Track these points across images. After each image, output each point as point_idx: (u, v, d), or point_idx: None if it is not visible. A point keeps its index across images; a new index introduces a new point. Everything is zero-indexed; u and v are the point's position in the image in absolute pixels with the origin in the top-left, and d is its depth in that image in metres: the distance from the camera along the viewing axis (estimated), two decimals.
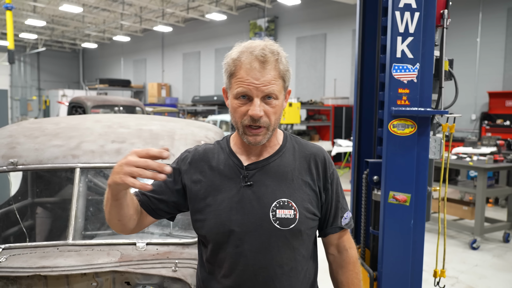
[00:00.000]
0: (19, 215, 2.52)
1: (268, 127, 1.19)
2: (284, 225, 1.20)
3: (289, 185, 1.24)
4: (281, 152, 1.28)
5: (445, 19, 2.18)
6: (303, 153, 1.30)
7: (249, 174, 1.23)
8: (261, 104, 1.15)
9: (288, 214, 1.21)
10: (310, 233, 1.28)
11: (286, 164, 1.26)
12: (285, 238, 1.21)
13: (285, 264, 1.23)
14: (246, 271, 1.21)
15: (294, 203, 1.22)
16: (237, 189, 1.23)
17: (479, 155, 5.78)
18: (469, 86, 10.27)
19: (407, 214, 2.21)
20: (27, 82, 26.37)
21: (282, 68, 1.18)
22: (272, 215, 1.20)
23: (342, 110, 12.39)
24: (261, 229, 1.20)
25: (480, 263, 4.58)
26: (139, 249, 1.77)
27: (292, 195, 1.23)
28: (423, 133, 2.18)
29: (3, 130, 2.22)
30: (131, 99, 8.60)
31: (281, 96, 1.20)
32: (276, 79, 1.16)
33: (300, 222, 1.22)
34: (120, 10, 17.58)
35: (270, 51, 1.16)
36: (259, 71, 1.14)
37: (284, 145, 1.30)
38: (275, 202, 1.21)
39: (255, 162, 1.25)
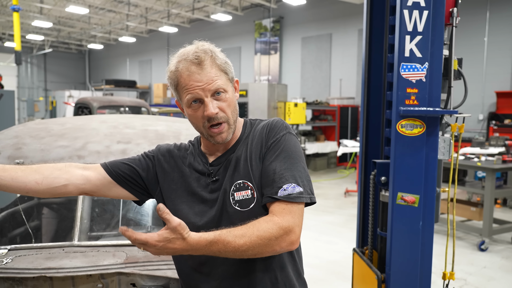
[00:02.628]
0: (25, 216, 2.52)
1: (228, 121, 1.22)
2: (244, 206, 1.20)
3: (245, 167, 1.23)
4: (241, 142, 1.29)
5: (454, 17, 2.15)
6: (257, 132, 1.28)
7: (214, 170, 1.27)
8: (213, 102, 1.19)
9: (245, 195, 1.20)
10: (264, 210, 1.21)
11: (243, 151, 1.26)
12: (249, 219, 1.13)
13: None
14: (218, 259, 1.17)
15: (250, 183, 1.20)
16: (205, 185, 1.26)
17: (487, 156, 5.72)
18: (476, 86, 10.18)
19: (416, 215, 2.18)
20: (34, 83, 26.57)
21: (219, 62, 1.21)
22: (232, 199, 1.21)
23: (347, 111, 12.34)
24: (227, 215, 1.21)
25: (489, 265, 4.53)
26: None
27: (247, 175, 1.21)
28: (432, 133, 2.15)
29: (9, 130, 2.22)
30: (137, 100, 8.62)
31: (229, 88, 1.22)
32: (217, 74, 1.19)
33: (258, 201, 1.19)
34: (125, 11, 17.66)
35: (202, 51, 1.19)
36: (199, 73, 1.17)
37: (243, 133, 1.30)
38: (232, 186, 1.22)
39: (218, 158, 1.28)
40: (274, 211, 1.13)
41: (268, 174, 1.19)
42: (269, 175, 1.18)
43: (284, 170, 1.17)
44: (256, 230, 1.07)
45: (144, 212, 2.23)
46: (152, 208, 2.24)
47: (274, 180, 1.17)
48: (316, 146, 10.74)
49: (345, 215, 6.58)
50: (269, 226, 1.08)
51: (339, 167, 11.86)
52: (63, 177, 1.23)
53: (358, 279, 2.71)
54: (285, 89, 9.89)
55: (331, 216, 6.57)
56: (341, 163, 11.88)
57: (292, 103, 9.54)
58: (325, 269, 4.25)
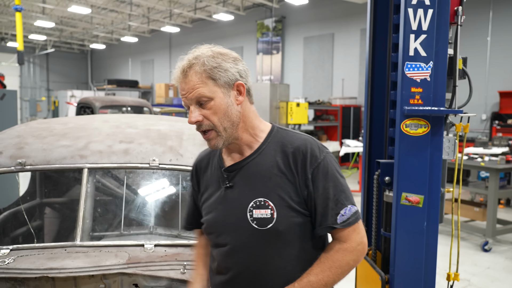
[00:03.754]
0: (27, 216, 2.52)
1: (215, 128, 1.20)
2: (262, 225, 1.20)
3: (266, 183, 1.21)
4: (261, 150, 1.25)
5: (459, 16, 2.13)
6: (285, 147, 1.23)
7: (229, 176, 1.26)
8: (198, 109, 1.20)
9: (264, 213, 1.19)
10: (298, 232, 1.22)
11: (264, 162, 1.23)
12: (265, 238, 1.20)
13: (269, 263, 1.22)
14: (233, 269, 1.25)
15: (271, 202, 1.19)
16: (220, 191, 1.28)
17: (490, 156, 5.69)
18: (479, 86, 10.13)
19: (420, 215, 2.16)
20: (36, 83, 26.63)
21: (204, 69, 1.18)
22: (250, 216, 1.21)
23: (350, 110, 12.32)
24: (241, 230, 1.22)
25: (492, 265, 4.50)
26: (147, 251, 1.75)
27: (269, 194, 1.20)
28: (437, 133, 2.13)
29: (11, 130, 2.21)
30: (139, 100, 8.63)
31: (216, 94, 1.19)
32: (200, 82, 1.18)
33: (278, 221, 1.19)
34: (128, 11, 17.67)
35: (189, 59, 1.21)
36: (183, 81, 1.20)
37: (265, 142, 1.26)
38: (252, 202, 1.21)
39: (234, 164, 1.27)
40: (339, 237, 1.22)
41: (323, 201, 1.20)
42: (324, 201, 1.20)
43: (338, 194, 1.21)
44: (332, 263, 1.18)
45: (146, 212, 2.22)
46: (154, 208, 2.23)
47: (331, 208, 1.20)
48: None
49: None
50: (342, 254, 1.19)
51: (341, 167, 11.81)
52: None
53: (361, 280, 2.70)
54: (287, 89, 9.87)
55: None
56: (343, 163, 11.86)
57: (294, 103, 9.53)
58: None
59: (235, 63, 1.22)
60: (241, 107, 1.23)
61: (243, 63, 1.25)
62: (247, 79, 1.25)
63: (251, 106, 1.28)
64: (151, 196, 2.23)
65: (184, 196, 2.16)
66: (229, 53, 1.24)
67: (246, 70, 1.25)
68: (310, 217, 1.23)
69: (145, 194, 2.25)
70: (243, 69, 1.23)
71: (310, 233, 1.25)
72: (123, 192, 2.20)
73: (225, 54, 1.22)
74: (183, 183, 2.15)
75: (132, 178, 2.27)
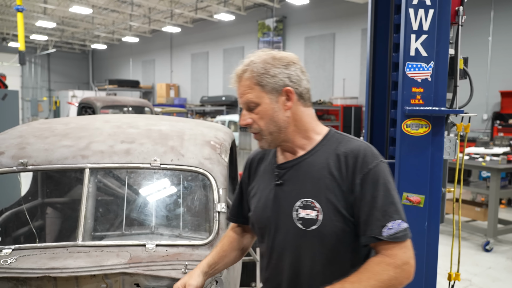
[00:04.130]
0: (29, 216, 2.52)
1: (261, 132, 1.25)
2: (306, 225, 1.20)
3: (315, 184, 1.21)
4: (314, 151, 1.26)
5: (460, 16, 2.13)
6: (338, 151, 1.22)
7: (281, 173, 1.28)
8: (248, 113, 1.25)
9: (310, 214, 1.20)
10: (343, 237, 1.19)
11: (316, 163, 1.24)
12: (308, 239, 1.21)
13: (308, 265, 1.22)
14: (277, 266, 1.28)
15: (318, 204, 1.19)
16: (270, 188, 1.30)
17: (492, 156, 5.68)
18: (480, 86, 10.12)
19: (421, 215, 2.16)
20: (38, 83, 26.67)
21: (253, 75, 1.21)
22: (295, 215, 1.22)
23: (351, 110, 12.31)
24: (287, 228, 1.24)
25: (494, 265, 4.50)
26: (148, 251, 1.75)
27: (317, 195, 1.20)
28: (438, 133, 2.13)
29: (13, 130, 2.22)
30: (140, 100, 8.64)
31: (264, 100, 1.22)
32: (249, 88, 1.22)
33: (323, 224, 1.18)
34: (129, 11, 17.69)
35: (245, 64, 1.25)
36: (237, 86, 1.26)
37: (320, 143, 1.27)
38: (299, 202, 1.22)
39: (287, 162, 1.29)
40: (383, 251, 1.13)
41: (369, 209, 1.14)
42: (370, 210, 1.14)
43: (386, 205, 1.14)
44: (371, 274, 1.09)
45: (148, 212, 2.22)
46: (155, 208, 2.23)
47: (376, 218, 1.13)
48: None
49: None
50: (384, 268, 1.09)
51: None
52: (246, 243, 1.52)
53: None
54: None
55: None
56: None
57: None
58: None
59: (286, 68, 1.22)
60: (292, 111, 1.24)
61: (297, 66, 1.24)
62: (299, 83, 1.23)
63: (305, 109, 1.27)
64: (153, 196, 2.24)
65: (185, 196, 2.17)
66: (284, 57, 1.23)
67: (300, 74, 1.24)
68: (354, 224, 1.19)
69: (146, 194, 2.25)
70: (294, 73, 1.22)
71: (353, 241, 1.21)
72: (124, 192, 2.20)
73: (278, 59, 1.22)
74: (184, 183, 2.15)
75: (133, 178, 2.27)
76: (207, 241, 1.80)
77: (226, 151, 2.17)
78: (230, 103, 16.39)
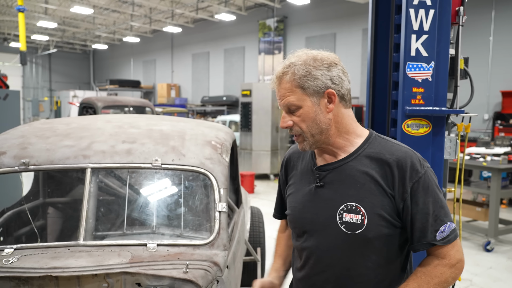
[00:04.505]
0: (31, 215, 2.53)
1: (303, 134, 1.24)
2: (351, 229, 1.19)
3: (359, 188, 1.20)
4: (356, 155, 1.24)
5: (461, 16, 2.14)
6: (383, 156, 1.21)
7: (321, 175, 1.27)
8: (288, 115, 1.24)
9: (355, 219, 1.19)
10: (387, 241, 1.20)
11: (359, 167, 1.22)
12: (352, 243, 1.20)
13: (352, 269, 1.22)
14: (315, 267, 1.27)
15: (363, 208, 1.18)
16: (310, 189, 1.29)
17: (493, 155, 5.68)
18: (481, 85, 10.12)
19: None
20: (39, 83, 26.71)
21: (294, 77, 1.20)
22: (339, 218, 1.21)
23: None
24: (329, 230, 1.23)
25: (495, 265, 4.50)
26: (150, 250, 1.76)
27: (361, 199, 1.19)
28: (438, 133, 2.13)
29: (15, 130, 2.22)
30: (141, 100, 8.64)
31: (305, 103, 1.20)
32: (290, 91, 1.20)
33: (368, 228, 1.17)
34: (130, 11, 17.71)
35: (285, 66, 1.23)
36: (277, 88, 1.25)
37: (361, 147, 1.25)
38: (343, 206, 1.21)
39: (328, 164, 1.27)
40: (437, 254, 1.19)
41: (423, 217, 1.17)
42: (424, 217, 1.17)
43: (437, 210, 1.18)
44: (430, 278, 1.15)
45: (149, 212, 2.22)
46: (157, 208, 2.23)
47: (430, 224, 1.17)
48: None
49: None
50: (441, 270, 1.16)
51: None
52: None
53: None
54: None
55: None
56: None
57: None
58: None
59: (328, 70, 1.20)
60: (333, 113, 1.23)
61: (339, 67, 1.23)
62: (341, 84, 1.22)
63: (346, 111, 1.26)
64: (154, 196, 2.24)
65: (186, 196, 2.17)
66: (325, 58, 1.21)
67: (342, 75, 1.23)
68: (400, 229, 1.21)
69: (147, 194, 2.26)
70: (336, 75, 1.21)
71: (398, 245, 1.23)
72: (125, 192, 2.21)
73: (319, 60, 1.20)
74: (185, 183, 2.16)
75: (134, 178, 2.28)
76: (208, 241, 1.81)
77: (227, 151, 2.17)
78: (231, 103, 16.39)
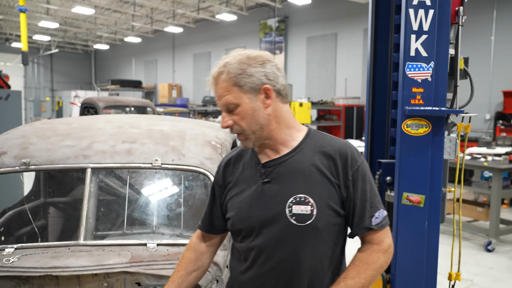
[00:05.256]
0: (32, 215, 2.54)
1: (244, 132, 1.25)
2: (301, 221, 1.22)
3: (306, 180, 1.24)
4: (299, 149, 1.28)
5: (461, 16, 2.13)
6: (324, 148, 1.27)
7: (267, 172, 1.28)
8: (228, 115, 1.25)
9: (304, 210, 1.22)
10: (333, 231, 1.26)
11: (303, 160, 1.26)
12: (302, 234, 1.22)
13: (303, 261, 1.24)
14: (265, 265, 1.26)
15: (312, 199, 1.22)
16: (256, 186, 1.29)
17: (494, 156, 5.67)
18: (483, 85, 10.10)
19: (421, 215, 2.17)
20: (41, 83, 26.76)
21: (230, 76, 1.21)
22: (289, 211, 1.23)
23: (353, 110, 12.30)
24: (279, 224, 1.24)
25: (496, 265, 4.49)
26: (149, 250, 1.76)
27: (309, 191, 1.23)
28: (438, 133, 2.13)
29: (15, 130, 2.23)
30: (142, 100, 8.65)
31: (242, 100, 1.22)
32: (227, 90, 1.22)
33: (317, 218, 1.21)
34: (131, 11, 17.73)
35: (220, 66, 1.24)
36: (215, 89, 1.26)
37: (303, 141, 1.30)
38: (292, 198, 1.23)
39: (273, 160, 1.29)
40: (371, 240, 1.27)
41: (361, 202, 1.25)
42: (362, 203, 1.25)
43: (372, 197, 1.27)
44: (367, 265, 1.21)
45: (149, 212, 2.23)
46: (156, 208, 2.24)
47: (367, 209, 1.25)
48: None
49: None
50: (376, 256, 1.23)
51: None
52: (206, 259, 1.47)
53: None
54: (290, 89, 9.89)
55: None
56: None
57: (297, 103, 9.53)
58: None
59: (263, 66, 1.23)
60: (272, 108, 1.25)
61: (272, 64, 1.26)
62: (276, 80, 1.25)
63: (284, 106, 1.29)
64: (154, 195, 2.25)
65: (186, 196, 2.18)
66: (259, 56, 1.24)
67: (276, 71, 1.25)
68: (343, 218, 1.28)
69: (147, 193, 2.27)
70: (271, 71, 1.24)
71: (343, 234, 1.31)
72: (126, 192, 2.21)
73: (253, 58, 1.23)
74: (185, 183, 2.16)
75: (134, 178, 2.29)
76: None
77: (227, 151, 2.18)
78: None
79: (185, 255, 1.46)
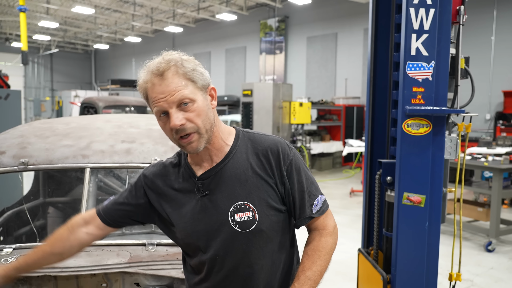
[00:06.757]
0: (30, 215, 2.53)
1: (198, 131, 1.17)
2: (244, 227, 1.21)
3: (244, 186, 1.22)
4: (232, 154, 1.25)
5: (461, 15, 2.13)
6: (256, 149, 1.26)
7: (204, 184, 1.24)
8: (179, 113, 1.15)
9: (246, 216, 1.21)
10: (278, 227, 1.26)
11: (238, 165, 1.24)
12: (249, 240, 1.22)
13: (254, 264, 1.24)
14: (219, 274, 1.25)
15: (252, 204, 1.22)
16: (196, 201, 1.25)
17: (494, 156, 5.66)
18: (483, 85, 10.09)
19: (422, 215, 2.16)
20: (41, 83, 26.76)
21: (185, 71, 1.15)
22: (231, 220, 1.22)
23: (353, 110, 12.29)
24: (224, 235, 1.22)
25: (496, 265, 4.48)
26: (148, 250, 1.76)
27: (248, 196, 1.22)
28: (439, 133, 2.12)
29: (14, 130, 2.23)
30: (142, 100, 8.62)
31: (198, 97, 1.17)
32: (181, 84, 1.14)
33: (260, 222, 1.22)
34: (131, 11, 17.72)
35: (165, 61, 1.16)
36: (160, 84, 1.14)
37: (234, 145, 1.27)
38: (232, 207, 1.22)
39: (207, 171, 1.25)
40: (316, 226, 1.31)
41: (300, 194, 1.27)
42: (300, 195, 1.27)
43: (309, 186, 1.29)
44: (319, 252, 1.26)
45: None
46: None
47: (306, 200, 1.27)
48: (321, 146, 10.71)
49: (351, 215, 6.56)
50: (325, 241, 1.28)
51: (344, 167, 11.81)
52: (76, 246, 1.35)
53: (363, 279, 2.69)
54: (290, 89, 9.87)
55: (336, 216, 6.52)
56: (346, 163, 11.84)
57: (297, 103, 9.52)
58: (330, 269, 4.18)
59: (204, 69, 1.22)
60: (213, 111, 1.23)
61: None
62: None
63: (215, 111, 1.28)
64: None
65: None
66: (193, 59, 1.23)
67: None
68: (286, 213, 1.29)
69: None
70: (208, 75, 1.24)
71: (287, 227, 1.31)
72: None
73: (193, 60, 1.21)
74: None
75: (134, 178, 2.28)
76: None
77: None
78: (232, 103, 16.39)
79: (61, 231, 1.35)
